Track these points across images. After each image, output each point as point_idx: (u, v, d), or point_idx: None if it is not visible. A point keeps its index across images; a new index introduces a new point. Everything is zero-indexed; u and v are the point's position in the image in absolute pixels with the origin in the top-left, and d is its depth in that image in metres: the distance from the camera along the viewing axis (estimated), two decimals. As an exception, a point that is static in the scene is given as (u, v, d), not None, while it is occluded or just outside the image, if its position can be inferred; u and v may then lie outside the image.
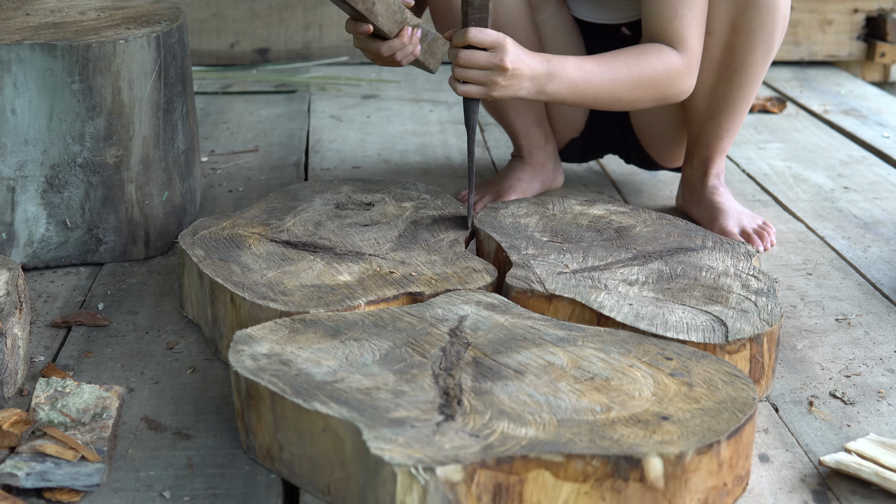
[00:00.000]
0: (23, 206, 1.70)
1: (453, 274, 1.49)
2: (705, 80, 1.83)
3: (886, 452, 1.22)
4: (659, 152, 2.04)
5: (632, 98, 1.72)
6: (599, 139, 2.09)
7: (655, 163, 2.07)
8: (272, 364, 1.21)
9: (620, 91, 1.70)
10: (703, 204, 1.94)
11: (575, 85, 1.66)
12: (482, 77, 1.60)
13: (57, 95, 1.66)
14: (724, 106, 1.85)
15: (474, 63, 1.59)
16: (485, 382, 1.19)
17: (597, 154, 2.14)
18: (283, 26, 3.19)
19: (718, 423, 1.12)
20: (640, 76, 1.70)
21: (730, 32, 1.77)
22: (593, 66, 1.68)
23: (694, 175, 1.96)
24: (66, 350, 1.48)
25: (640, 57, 1.70)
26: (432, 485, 1.02)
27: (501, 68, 1.58)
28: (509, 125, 2.03)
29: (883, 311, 1.65)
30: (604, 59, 1.70)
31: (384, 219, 1.69)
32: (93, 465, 1.16)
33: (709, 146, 1.92)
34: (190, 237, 1.57)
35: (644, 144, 2.04)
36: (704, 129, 1.90)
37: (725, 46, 1.79)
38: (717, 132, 1.89)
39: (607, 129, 2.07)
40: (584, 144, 2.10)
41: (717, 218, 1.89)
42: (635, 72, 1.69)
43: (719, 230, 1.87)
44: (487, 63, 1.58)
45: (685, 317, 1.37)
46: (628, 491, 1.07)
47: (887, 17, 3.22)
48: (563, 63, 1.65)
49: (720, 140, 1.90)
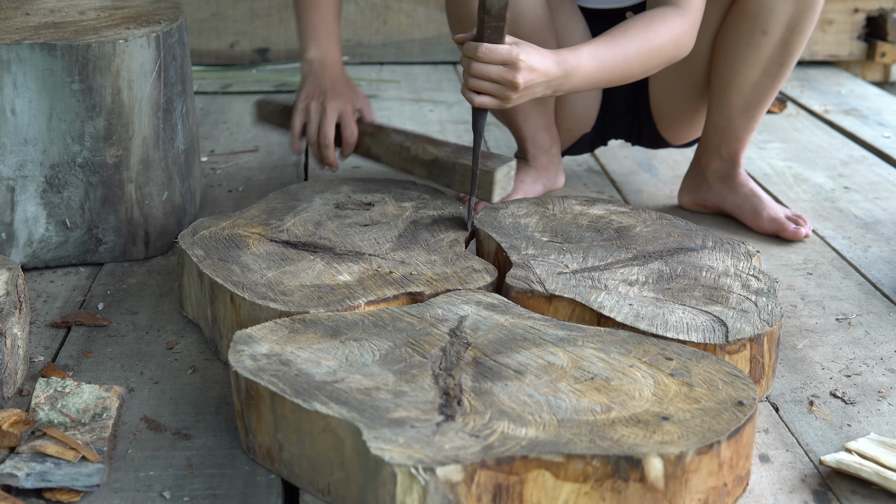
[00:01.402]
0: (22, 206, 1.70)
1: (453, 274, 1.48)
2: (748, 78, 1.85)
3: (887, 452, 1.22)
4: (674, 132, 2.06)
5: (643, 70, 1.73)
6: (609, 129, 2.11)
7: (665, 141, 2.09)
8: (272, 364, 1.21)
9: (633, 67, 1.71)
10: (739, 193, 1.97)
11: (590, 76, 1.66)
12: (495, 90, 1.59)
13: (56, 95, 1.66)
14: (760, 100, 1.89)
15: (486, 76, 1.58)
16: (485, 383, 1.19)
17: (603, 142, 2.16)
18: (283, 26, 3.19)
19: (719, 424, 1.12)
20: (650, 48, 1.70)
21: (784, 31, 1.80)
22: (606, 51, 1.67)
23: (723, 167, 1.98)
24: (65, 350, 1.48)
25: (647, 28, 1.70)
26: (432, 485, 1.02)
27: (513, 85, 1.58)
28: (517, 129, 2.03)
29: (883, 311, 1.65)
30: (614, 38, 1.69)
31: (384, 219, 1.69)
32: (93, 465, 1.16)
33: (739, 139, 1.95)
34: (190, 237, 1.57)
35: (660, 127, 2.06)
36: (736, 123, 1.92)
37: (779, 45, 1.81)
38: (749, 125, 1.93)
39: (618, 119, 2.08)
40: (593, 137, 2.11)
41: (763, 206, 1.93)
42: (645, 45, 1.69)
43: (768, 217, 1.92)
44: (500, 78, 1.57)
45: (685, 317, 1.37)
46: (628, 491, 1.07)
47: (888, 16, 3.21)
48: (578, 58, 1.64)
49: (750, 133, 1.95)
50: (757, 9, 1.79)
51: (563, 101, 2.03)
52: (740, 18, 1.82)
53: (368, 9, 3.22)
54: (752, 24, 1.81)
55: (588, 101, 2.04)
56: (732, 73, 1.86)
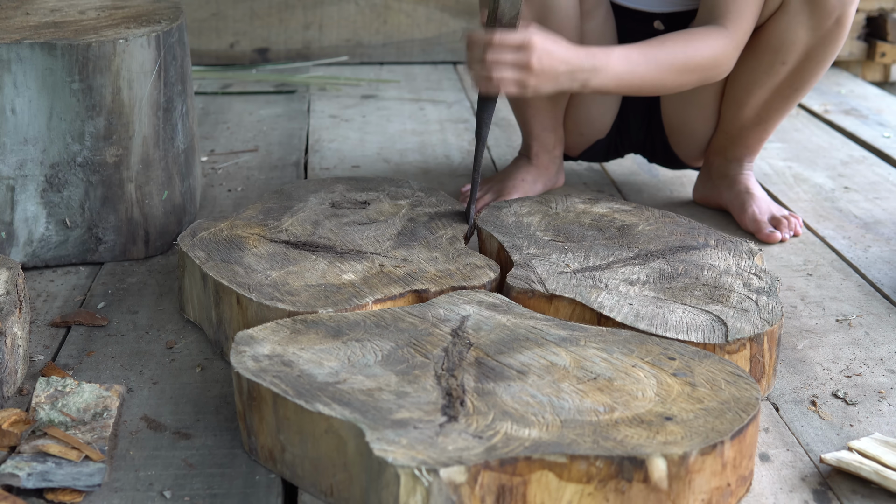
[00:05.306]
0: (22, 206, 1.69)
1: (456, 270, 1.48)
2: (760, 97, 1.86)
3: (888, 451, 1.22)
4: (687, 152, 2.05)
5: (676, 83, 1.71)
6: (624, 139, 2.10)
7: (681, 162, 2.08)
8: (274, 365, 1.21)
9: (666, 78, 1.69)
10: (734, 189, 1.97)
11: (620, 78, 1.65)
12: (511, 75, 1.58)
13: (57, 95, 1.65)
14: (773, 115, 1.89)
15: (501, 62, 1.57)
16: (487, 383, 1.19)
17: (619, 154, 2.14)
18: (282, 26, 3.18)
19: (722, 424, 1.12)
20: (686, 62, 1.69)
21: (802, 61, 1.80)
22: (639, 56, 1.66)
23: (727, 166, 1.99)
24: (65, 349, 1.48)
25: (687, 43, 1.69)
26: (436, 486, 1.02)
27: (528, 67, 1.56)
28: (525, 124, 2.03)
29: (883, 312, 1.65)
30: (650, 47, 1.68)
31: (381, 217, 1.69)
32: (94, 465, 1.16)
33: (748, 146, 1.96)
34: (189, 239, 1.56)
35: (672, 144, 2.05)
36: (747, 133, 1.93)
37: (794, 72, 1.82)
38: (761, 136, 1.94)
39: (633, 130, 2.07)
40: (607, 145, 2.10)
41: (750, 204, 1.93)
42: (681, 58, 1.68)
43: (751, 216, 1.91)
44: (515, 61, 1.56)
45: (685, 316, 1.37)
46: (632, 492, 1.07)
47: (888, 16, 3.21)
48: (608, 57, 1.63)
49: (760, 142, 1.95)
50: (779, 43, 1.79)
51: (579, 105, 2.02)
52: (761, 50, 1.82)
53: (368, 9, 3.22)
54: (772, 56, 1.81)
55: (604, 108, 2.03)
56: (746, 94, 1.87)
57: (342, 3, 3.21)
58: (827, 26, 1.75)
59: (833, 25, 1.75)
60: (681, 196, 2.13)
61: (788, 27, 1.77)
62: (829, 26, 1.75)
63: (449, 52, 3.28)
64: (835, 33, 1.77)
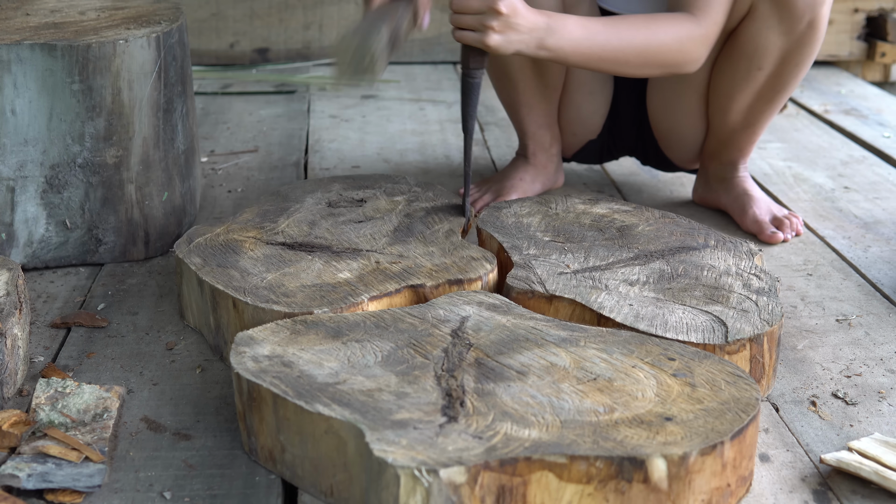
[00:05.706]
0: (22, 207, 1.69)
1: (452, 264, 1.49)
2: (743, 102, 1.86)
3: (888, 452, 1.22)
4: (679, 155, 2.05)
5: (640, 61, 1.69)
6: (616, 141, 2.09)
7: (674, 164, 2.09)
8: (274, 366, 1.21)
9: (628, 54, 1.67)
10: (732, 192, 1.97)
11: (578, 43, 1.63)
12: (475, 22, 1.57)
13: (57, 95, 1.65)
14: (760, 119, 1.90)
15: (468, 7, 1.57)
16: (487, 384, 1.19)
17: (613, 156, 2.14)
18: (282, 26, 3.18)
19: (722, 424, 1.12)
20: (649, 40, 1.67)
21: (779, 65, 1.80)
22: (599, 26, 1.65)
23: (722, 169, 1.99)
24: (65, 350, 1.48)
25: (650, 21, 1.68)
26: (436, 487, 1.02)
27: (495, 11, 1.55)
28: (519, 122, 2.03)
29: (883, 312, 1.65)
30: (611, 20, 1.68)
31: (377, 214, 1.69)
32: (94, 465, 1.16)
33: (740, 149, 1.96)
34: (185, 246, 1.56)
35: (664, 148, 2.05)
36: (737, 137, 1.94)
37: (772, 77, 1.82)
38: (751, 138, 1.94)
39: (625, 132, 2.07)
40: (600, 146, 2.10)
41: (751, 206, 1.93)
42: (644, 35, 1.66)
43: (752, 218, 1.91)
44: (481, 6, 1.56)
45: (685, 317, 1.37)
46: (632, 492, 1.07)
47: (888, 16, 3.21)
48: (565, 19, 1.63)
49: (751, 144, 1.96)
50: (752, 49, 1.79)
51: (569, 104, 2.03)
52: (736, 56, 1.82)
53: (368, 8, 3.22)
54: (748, 62, 1.81)
55: (594, 108, 2.03)
56: (729, 101, 1.88)
57: (342, 3, 3.21)
58: (799, 30, 1.75)
59: (806, 29, 1.75)
60: (681, 196, 2.13)
61: (759, 32, 1.77)
62: (801, 30, 1.75)
63: (449, 52, 3.28)
64: (809, 36, 1.76)
